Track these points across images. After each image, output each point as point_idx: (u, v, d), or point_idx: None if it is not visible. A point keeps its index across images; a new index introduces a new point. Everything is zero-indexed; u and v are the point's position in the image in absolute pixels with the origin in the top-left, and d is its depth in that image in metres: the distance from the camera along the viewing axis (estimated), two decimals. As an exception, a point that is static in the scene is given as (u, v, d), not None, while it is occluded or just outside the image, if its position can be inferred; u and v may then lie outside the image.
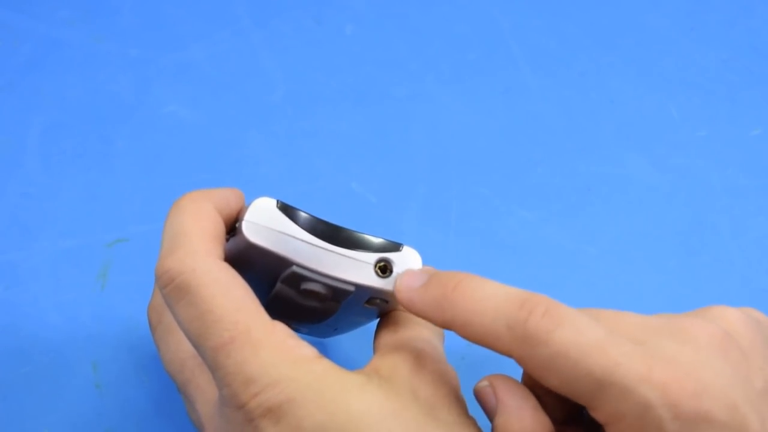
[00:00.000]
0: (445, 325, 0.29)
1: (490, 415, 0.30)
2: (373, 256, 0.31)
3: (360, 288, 0.31)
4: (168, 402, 0.39)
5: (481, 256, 0.44)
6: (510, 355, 0.27)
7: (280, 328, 0.28)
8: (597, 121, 0.50)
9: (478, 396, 0.30)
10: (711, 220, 0.46)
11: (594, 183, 0.47)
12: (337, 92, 0.50)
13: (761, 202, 0.47)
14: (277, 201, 0.30)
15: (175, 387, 0.33)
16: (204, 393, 0.31)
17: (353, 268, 0.30)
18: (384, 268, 0.31)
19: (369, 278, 0.30)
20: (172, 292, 0.28)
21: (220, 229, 0.30)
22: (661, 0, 0.55)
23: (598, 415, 0.26)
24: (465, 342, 0.28)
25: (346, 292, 0.31)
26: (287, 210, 0.30)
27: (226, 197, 0.31)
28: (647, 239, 0.45)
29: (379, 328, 0.33)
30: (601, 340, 0.26)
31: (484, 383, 0.30)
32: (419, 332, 0.32)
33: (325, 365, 0.27)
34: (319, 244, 0.30)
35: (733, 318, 0.29)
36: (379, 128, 0.49)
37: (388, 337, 0.32)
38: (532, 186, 0.47)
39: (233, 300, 0.28)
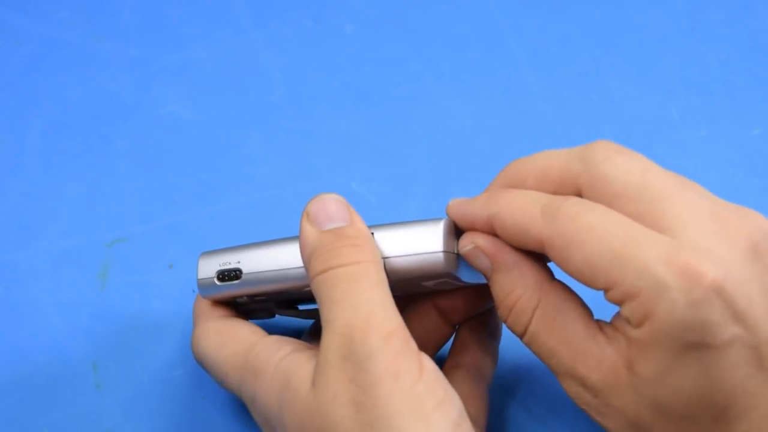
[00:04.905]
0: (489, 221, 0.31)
1: (486, 272, 0.31)
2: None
3: None
4: (167, 402, 0.39)
5: (481, 256, 0.44)
6: (540, 239, 0.29)
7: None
8: (597, 121, 0.50)
9: (468, 258, 0.32)
10: (711, 220, 0.46)
11: (594, 183, 0.47)
12: (337, 92, 0.50)
13: (761, 202, 0.47)
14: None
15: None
16: None
17: None
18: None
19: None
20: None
21: None
22: (661, 0, 0.55)
23: (614, 294, 0.27)
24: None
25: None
26: None
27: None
28: (647, 239, 0.45)
29: None
30: (627, 224, 0.27)
31: (469, 246, 0.32)
32: None
33: None
34: None
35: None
36: (379, 128, 0.49)
37: None
38: (532, 186, 0.47)
39: None
